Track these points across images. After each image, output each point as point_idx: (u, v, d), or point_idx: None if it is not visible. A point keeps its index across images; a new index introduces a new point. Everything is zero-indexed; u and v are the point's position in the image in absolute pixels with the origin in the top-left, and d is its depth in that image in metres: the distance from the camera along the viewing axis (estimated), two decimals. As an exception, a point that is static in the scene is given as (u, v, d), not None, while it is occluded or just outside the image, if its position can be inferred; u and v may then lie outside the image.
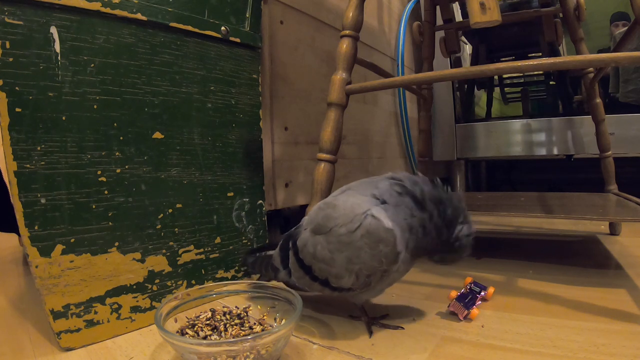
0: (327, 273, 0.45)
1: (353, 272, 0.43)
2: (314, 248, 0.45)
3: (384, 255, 0.41)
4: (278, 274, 0.52)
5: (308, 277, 0.47)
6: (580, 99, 1.38)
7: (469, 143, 1.47)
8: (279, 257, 0.52)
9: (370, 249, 0.41)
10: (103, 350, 0.45)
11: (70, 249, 0.45)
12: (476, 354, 0.42)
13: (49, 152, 0.44)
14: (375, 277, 0.43)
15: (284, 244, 0.51)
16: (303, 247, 0.47)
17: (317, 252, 0.45)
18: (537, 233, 1.04)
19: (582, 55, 0.52)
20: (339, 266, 0.43)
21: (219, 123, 0.61)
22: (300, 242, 0.48)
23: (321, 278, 0.46)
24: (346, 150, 1.03)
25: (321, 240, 0.44)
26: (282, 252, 0.51)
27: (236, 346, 0.37)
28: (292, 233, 0.51)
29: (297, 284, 0.50)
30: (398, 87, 1.19)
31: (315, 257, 0.45)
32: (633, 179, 1.19)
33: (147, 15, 0.51)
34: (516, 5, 1.16)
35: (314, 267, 0.46)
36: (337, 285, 0.45)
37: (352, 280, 0.43)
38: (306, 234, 0.47)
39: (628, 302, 0.53)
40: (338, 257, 0.43)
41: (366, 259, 0.42)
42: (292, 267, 0.49)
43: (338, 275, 0.44)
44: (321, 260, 0.45)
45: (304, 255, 0.47)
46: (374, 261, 0.41)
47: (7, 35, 0.40)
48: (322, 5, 0.95)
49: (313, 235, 0.46)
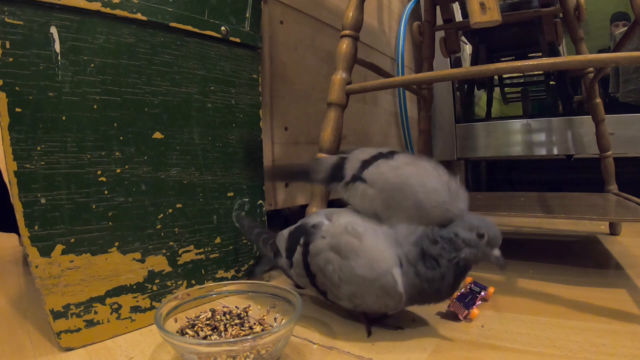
0: (328, 289, 0.46)
1: (353, 303, 0.45)
2: (325, 264, 0.45)
3: (386, 305, 0.44)
4: (278, 259, 0.53)
5: (308, 280, 0.48)
6: (580, 99, 1.38)
7: (469, 143, 1.47)
8: (285, 243, 0.51)
9: (377, 298, 0.43)
10: (103, 350, 0.45)
11: (70, 249, 0.45)
12: (476, 354, 0.42)
13: (49, 152, 0.44)
14: (371, 310, 0.46)
15: (295, 234, 0.50)
16: (315, 255, 0.46)
17: (327, 270, 0.45)
18: (537, 233, 1.04)
19: (582, 55, 0.52)
20: (342, 293, 0.45)
21: (219, 123, 0.61)
22: (313, 248, 0.46)
23: (320, 288, 0.47)
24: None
25: (335, 263, 0.44)
26: (290, 241, 0.51)
27: (236, 346, 0.37)
28: (308, 231, 0.48)
29: (294, 279, 0.51)
30: (398, 87, 1.20)
31: (322, 272, 0.46)
32: (633, 179, 1.19)
33: (147, 15, 0.51)
34: (516, 5, 1.16)
35: (317, 278, 0.47)
36: (333, 300, 0.47)
37: (350, 306, 0.46)
38: (323, 243, 0.45)
39: (628, 302, 0.53)
40: (344, 287, 0.44)
41: (370, 302, 0.44)
42: (295, 263, 0.49)
43: (338, 297, 0.46)
44: (327, 278, 0.45)
45: (312, 262, 0.47)
46: (375, 306, 0.44)
47: (7, 35, 0.40)
48: (322, 5, 0.95)
49: (329, 250, 0.45)
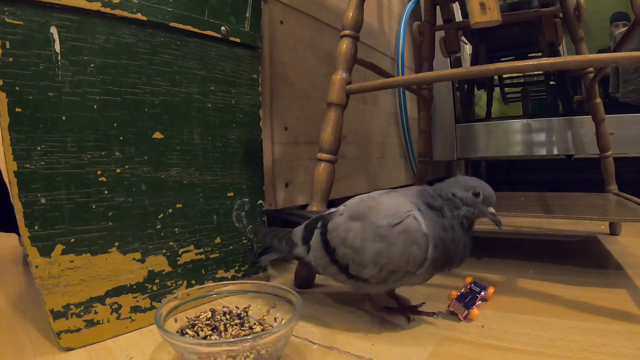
0: (350, 260, 0.46)
1: (378, 264, 0.44)
2: (346, 233, 0.46)
3: (413, 257, 0.42)
4: (294, 249, 0.53)
5: (328, 258, 0.48)
6: (580, 99, 1.38)
7: (469, 143, 1.47)
8: (301, 234, 0.53)
9: (403, 246, 0.42)
10: (103, 350, 0.45)
11: (70, 249, 0.45)
12: (476, 354, 0.42)
13: (49, 152, 0.44)
14: (397, 275, 0.44)
15: (310, 223, 0.52)
16: (333, 229, 0.48)
17: (349, 238, 0.46)
18: (537, 233, 1.04)
19: (582, 55, 0.52)
20: (366, 255, 0.44)
21: (219, 123, 0.61)
22: (331, 224, 0.49)
23: (342, 263, 0.47)
24: (346, 150, 1.03)
25: (356, 227, 0.45)
26: (306, 230, 0.52)
27: (236, 346, 0.37)
28: (324, 216, 0.51)
29: (313, 263, 0.51)
30: (398, 87, 1.19)
31: (344, 242, 0.46)
32: (633, 179, 1.19)
33: (147, 15, 0.51)
34: (516, 5, 1.16)
35: (337, 251, 0.47)
36: (356, 273, 0.46)
37: (374, 272, 0.44)
38: (341, 219, 0.48)
39: (628, 302, 0.53)
40: (369, 247, 0.44)
41: (396, 255, 0.43)
42: (313, 245, 0.50)
43: (362, 264, 0.45)
44: (349, 247, 0.45)
45: (332, 237, 0.48)
46: (402, 260, 0.43)
47: (7, 35, 0.40)
48: (322, 5, 0.95)
49: (349, 220, 0.47)
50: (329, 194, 0.64)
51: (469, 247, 0.45)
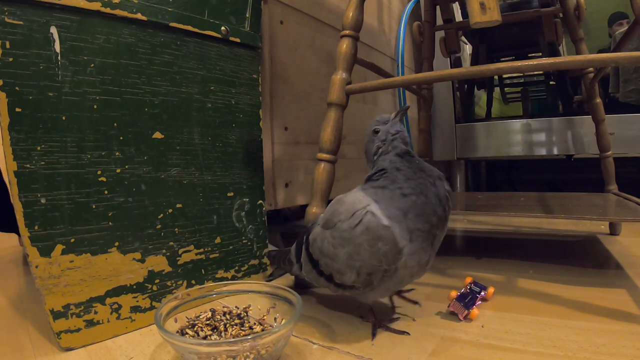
0: (331, 268, 0.46)
1: (354, 268, 0.43)
2: (322, 243, 0.46)
3: (383, 254, 0.41)
4: (292, 267, 0.54)
5: (315, 271, 0.48)
6: (580, 99, 1.38)
7: (469, 143, 1.47)
8: (295, 251, 0.53)
9: (369, 247, 0.41)
10: (103, 350, 0.45)
11: (70, 249, 0.45)
12: (476, 354, 0.42)
13: (49, 152, 0.44)
14: (376, 276, 0.42)
15: (300, 239, 0.53)
16: (313, 241, 0.48)
17: (324, 247, 0.46)
18: (537, 233, 1.04)
19: (582, 55, 0.52)
20: (341, 262, 0.44)
21: (219, 123, 0.61)
22: (311, 236, 0.49)
23: (326, 273, 0.47)
24: (346, 150, 1.03)
25: (327, 235, 0.45)
26: (298, 246, 0.53)
27: (236, 346, 0.37)
28: (309, 228, 0.51)
29: (306, 278, 0.51)
30: (398, 87, 1.19)
31: (322, 252, 0.46)
32: (633, 179, 1.19)
33: (147, 15, 0.51)
34: (516, 5, 1.16)
35: (320, 262, 0.47)
36: (340, 281, 0.45)
37: (353, 277, 0.43)
38: (317, 228, 0.48)
39: (628, 302, 0.53)
40: (340, 253, 0.43)
41: (366, 256, 0.42)
42: (303, 261, 0.50)
43: (340, 271, 0.44)
44: (326, 255, 0.45)
45: (313, 249, 0.48)
46: (373, 259, 0.41)
47: (7, 35, 0.40)
48: (322, 5, 0.95)
49: (323, 230, 0.47)
50: (329, 194, 0.64)
51: (442, 182, 0.43)
